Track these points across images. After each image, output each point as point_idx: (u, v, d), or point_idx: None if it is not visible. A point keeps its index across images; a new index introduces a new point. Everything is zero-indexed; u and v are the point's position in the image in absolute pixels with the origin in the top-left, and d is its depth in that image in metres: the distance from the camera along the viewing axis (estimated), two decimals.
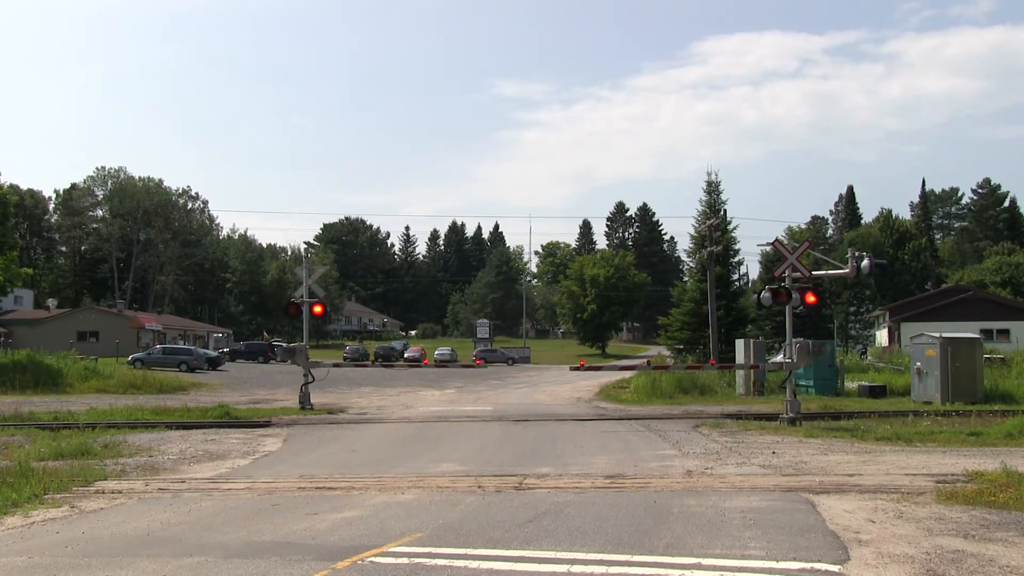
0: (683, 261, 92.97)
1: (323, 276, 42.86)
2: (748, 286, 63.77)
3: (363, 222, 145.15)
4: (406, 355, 69.51)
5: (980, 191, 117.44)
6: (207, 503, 11.12)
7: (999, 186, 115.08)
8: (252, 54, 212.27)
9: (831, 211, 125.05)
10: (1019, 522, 9.09)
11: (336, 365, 32.52)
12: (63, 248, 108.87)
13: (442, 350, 72.84)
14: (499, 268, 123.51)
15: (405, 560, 7.71)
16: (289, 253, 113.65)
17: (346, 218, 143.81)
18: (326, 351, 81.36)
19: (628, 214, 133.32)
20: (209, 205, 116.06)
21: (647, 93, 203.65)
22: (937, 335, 27.67)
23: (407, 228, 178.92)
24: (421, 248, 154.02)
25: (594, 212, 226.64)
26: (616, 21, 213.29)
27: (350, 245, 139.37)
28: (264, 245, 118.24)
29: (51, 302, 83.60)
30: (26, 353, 40.64)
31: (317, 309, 27.85)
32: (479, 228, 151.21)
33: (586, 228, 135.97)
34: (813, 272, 25.64)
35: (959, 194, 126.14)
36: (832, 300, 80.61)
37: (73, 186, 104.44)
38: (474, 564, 7.53)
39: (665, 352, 56.41)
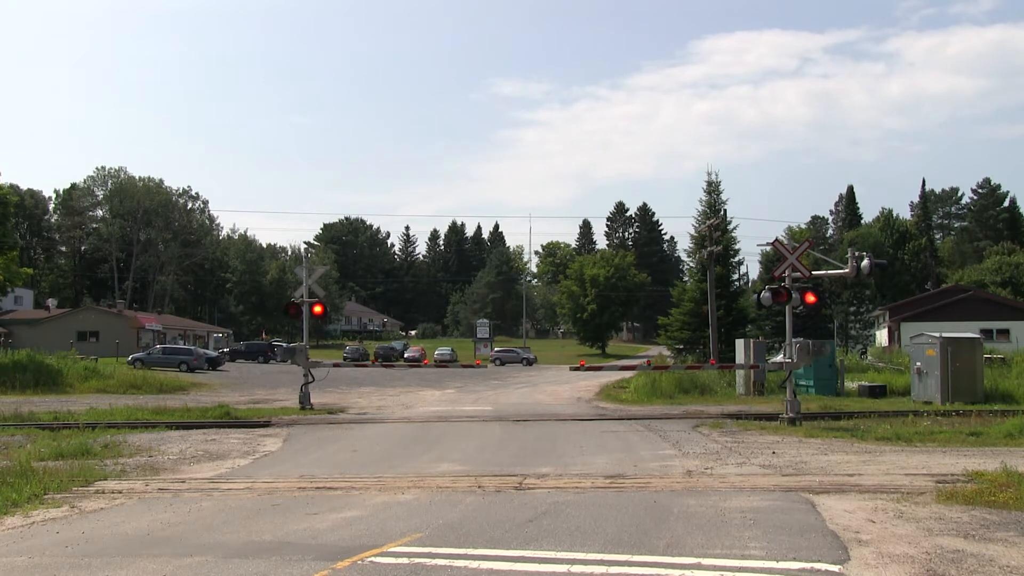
0: (683, 261, 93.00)
1: (323, 276, 42.87)
2: (748, 286, 63.85)
3: (363, 222, 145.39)
4: (406, 355, 69.48)
5: (980, 191, 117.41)
6: (207, 503, 11.12)
7: (999, 186, 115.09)
8: (252, 54, 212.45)
9: (831, 211, 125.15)
10: (1019, 522, 9.09)
11: (336, 365, 32.50)
12: (63, 248, 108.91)
13: (442, 350, 72.84)
14: (499, 268, 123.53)
15: (405, 560, 7.71)
16: (289, 253, 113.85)
17: (346, 218, 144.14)
18: (326, 351, 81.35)
19: (628, 214, 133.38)
20: (209, 205, 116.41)
21: (647, 92, 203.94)
22: (937, 335, 27.66)
23: (407, 228, 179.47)
24: (421, 248, 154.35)
25: (594, 212, 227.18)
26: (615, 20, 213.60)
27: (350, 245, 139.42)
28: (264, 245, 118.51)
29: (51, 302, 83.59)
30: (26, 353, 40.63)
31: (317, 309, 27.84)
32: (479, 228, 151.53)
33: (586, 228, 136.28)
34: (813, 272, 25.65)
35: (959, 194, 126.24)
36: (832, 300, 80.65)
37: (73, 186, 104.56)
38: (474, 564, 7.53)
39: (665, 352, 56.39)
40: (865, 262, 23.31)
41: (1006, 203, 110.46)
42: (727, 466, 13.92)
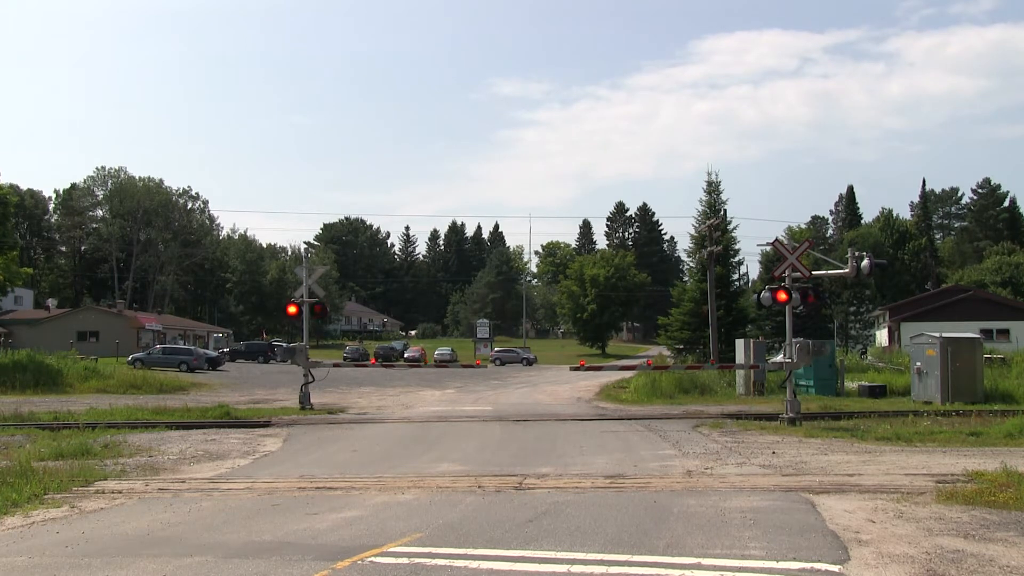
0: (683, 261, 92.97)
1: (323, 276, 42.85)
2: (748, 286, 63.82)
3: (363, 222, 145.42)
4: (406, 355, 69.48)
5: (980, 191, 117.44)
6: (207, 503, 11.12)
7: (999, 186, 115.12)
8: (252, 54, 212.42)
9: (831, 211, 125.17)
10: (1019, 522, 9.09)
11: (336, 365, 32.51)
12: (63, 248, 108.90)
13: (442, 350, 72.85)
14: (499, 268, 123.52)
15: (405, 560, 7.71)
16: (289, 253, 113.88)
17: (346, 218, 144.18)
18: (326, 351, 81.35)
19: (628, 214, 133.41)
20: (209, 205, 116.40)
21: (647, 92, 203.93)
22: (937, 335, 27.66)
23: (407, 228, 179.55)
24: (421, 248, 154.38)
25: (594, 212, 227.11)
26: (615, 20, 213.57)
27: (350, 245, 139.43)
28: (264, 245, 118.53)
29: (51, 302, 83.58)
30: (26, 353, 40.62)
31: (317, 309, 27.85)
32: (479, 228, 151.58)
33: (586, 228, 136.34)
34: (813, 272, 25.66)
35: (959, 194, 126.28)
36: (832, 300, 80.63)
37: (73, 186, 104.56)
38: (474, 564, 7.53)
39: (665, 352, 56.38)
40: (865, 262, 23.32)
41: (1006, 203, 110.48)
42: (727, 466, 13.91)
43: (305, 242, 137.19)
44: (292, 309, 27.62)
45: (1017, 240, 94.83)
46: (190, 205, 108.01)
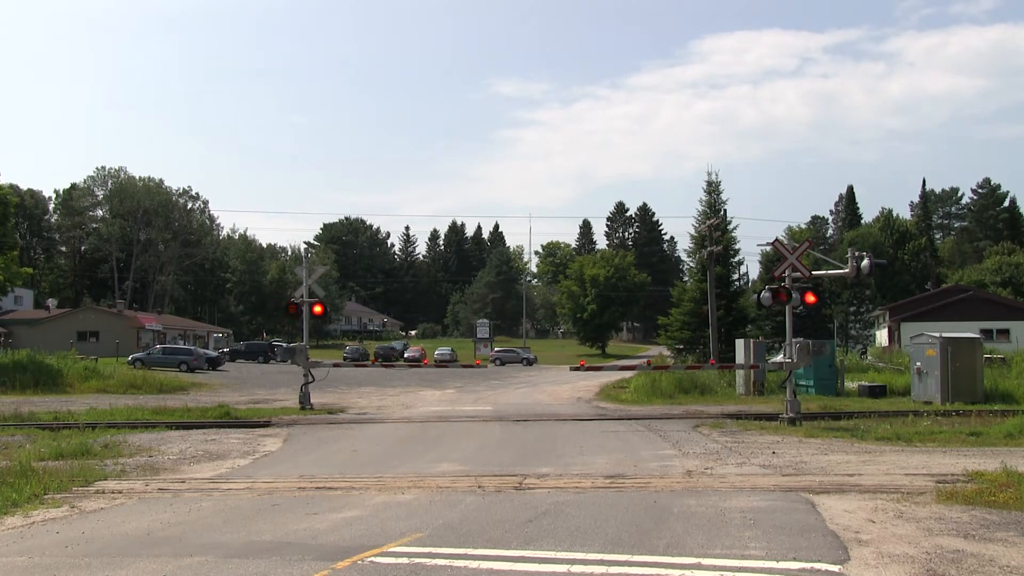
0: (683, 261, 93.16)
1: (323, 276, 42.88)
2: (748, 286, 63.81)
3: (363, 222, 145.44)
4: (406, 355, 69.50)
5: (980, 191, 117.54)
6: (207, 503, 11.12)
7: (999, 186, 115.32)
8: (252, 53, 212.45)
9: (831, 211, 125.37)
10: (1019, 522, 9.09)
11: (336, 365, 32.49)
12: (63, 248, 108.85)
13: (442, 350, 72.85)
14: (499, 268, 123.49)
15: (405, 560, 7.72)
16: (289, 253, 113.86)
17: (346, 218, 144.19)
18: (326, 351, 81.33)
19: (628, 214, 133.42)
20: (209, 205, 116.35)
21: (647, 92, 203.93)
22: (937, 335, 27.66)
23: (407, 228, 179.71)
24: (421, 248, 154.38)
25: (594, 212, 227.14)
26: (615, 20, 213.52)
27: (350, 245, 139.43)
28: (264, 245, 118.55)
29: (51, 302, 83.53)
30: (26, 353, 40.62)
31: (317, 309, 27.84)
32: (479, 228, 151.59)
33: (586, 228, 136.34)
34: (813, 272, 25.65)
35: (959, 194, 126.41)
36: (832, 300, 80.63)
37: (73, 186, 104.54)
38: (474, 564, 7.53)
39: (665, 352, 56.40)
40: (865, 262, 23.32)
41: (1006, 203, 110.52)
42: (727, 466, 13.91)
43: (305, 242, 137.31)
44: (292, 309, 27.65)
45: (1017, 240, 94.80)
46: (190, 205, 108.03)
